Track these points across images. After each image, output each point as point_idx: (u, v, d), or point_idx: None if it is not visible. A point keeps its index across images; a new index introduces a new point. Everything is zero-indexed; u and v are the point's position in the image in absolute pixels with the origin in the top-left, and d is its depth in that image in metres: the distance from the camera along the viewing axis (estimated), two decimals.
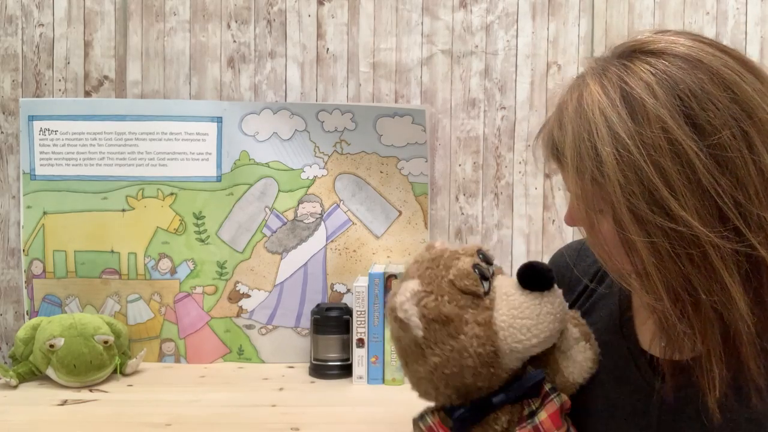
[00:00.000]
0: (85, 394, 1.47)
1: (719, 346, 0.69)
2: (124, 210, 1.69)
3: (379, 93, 1.74)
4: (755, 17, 1.69)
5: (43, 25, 1.74)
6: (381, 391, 1.53)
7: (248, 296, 1.70)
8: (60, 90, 1.74)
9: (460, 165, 1.74)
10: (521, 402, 0.80)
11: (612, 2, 1.71)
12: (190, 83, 1.75)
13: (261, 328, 1.71)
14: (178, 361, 1.70)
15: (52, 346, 1.50)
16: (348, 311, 1.61)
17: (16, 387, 1.51)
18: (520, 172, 1.74)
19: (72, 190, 1.69)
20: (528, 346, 0.77)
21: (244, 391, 1.51)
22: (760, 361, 0.70)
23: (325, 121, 1.70)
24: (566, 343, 0.83)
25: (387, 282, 1.55)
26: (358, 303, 1.56)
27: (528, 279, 0.78)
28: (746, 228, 0.65)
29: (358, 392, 1.52)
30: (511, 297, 0.78)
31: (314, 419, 1.34)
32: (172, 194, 1.69)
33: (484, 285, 0.78)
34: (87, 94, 1.74)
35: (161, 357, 1.70)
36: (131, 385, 1.53)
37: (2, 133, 1.75)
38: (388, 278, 1.55)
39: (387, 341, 1.55)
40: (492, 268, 0.81)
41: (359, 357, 1.56)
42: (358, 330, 1.56)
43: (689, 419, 0.76)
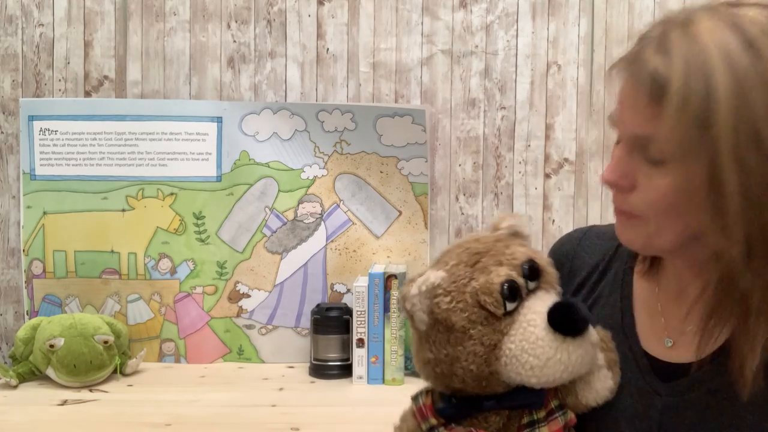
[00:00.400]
0: (85, 394, 1.47)
1: None
2: (124, 210, 1.69)
3: (379, 93, 1.74)
4: None
5: (43, 25, 1.74)
6: (381, 391, 1.53)
7: (248, 296, 1.70)
8: (60, 90, 1.74)
9: (460, 165, 1.74)
10: (528, 410, 0.77)
11: (612, 2, 1.71)
12: (190, 83, 1.75)
13: (261, 328, 1.71)
14: (178, 361, 1.70)
15: (52, 346, 1.50)
16: (348, 311, 1.61)
17: (16, 387, 1.51)
18: (520, 172, 1.74)
19: (72, 190, 1.69)
20: (526, 380, 0.73)
21: (244, 391, 1.51)
22: None
23: (325, 121, 1.70)
24: None
25: (387, 282, 1.55)
26: (358, 303, 1.56)
27: (557, 319, 0.72)
28: None
29: (358, 392, 1.52)
30: (531, 328, 0.72)
31: (314, 419, 1.34)
32: (172, 194, 1.69)
33: (508, 306, 0.73)
34: (87, 94, 1.74)
35: (161, 357, 1.70)
36: (131, 385, 1.53)
37: (2, 133, 1.75)
38: (388, 278, 1.55)
39: (387, 341, 1.55)
40: (534, 284, 0.76)
41: (359, 357, 1.56)
42: (358, 330, 1.56)
43: (692, 424, 0.75)
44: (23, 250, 1.69)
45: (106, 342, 1.53)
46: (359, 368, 1.56)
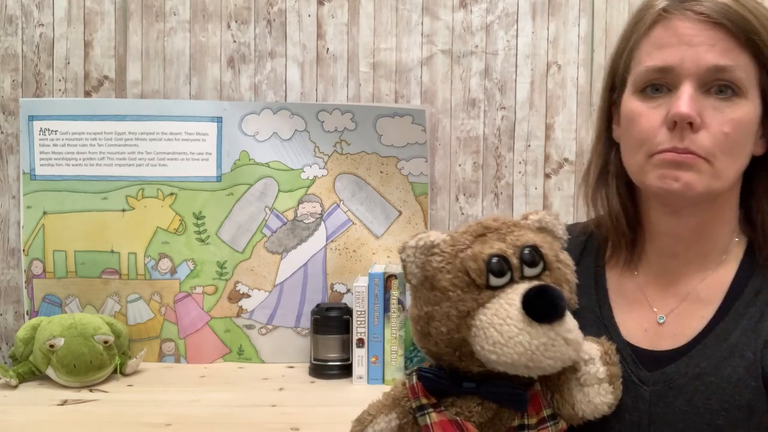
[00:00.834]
0: (85, 394, 1.47)
1: None
2: (124, 210, 1.69)
3: (379, 93, 1.74)
4: None
5: (43, 25, 1.74)
6: (381, 391, 1.51)
7: (248, 296, 1.70)
8: (60, 90, 1.74)
9: (460, 165, 1.74)
10: (511, 409, 0.76)
11: (612, 2, 1.71)
12: (190, 83, 1.75)
13: (261, 328, 1.71)
14: (178, 361, 1.70)
15: (52, 346, 1.50)
16: (348, 311, 1.61)
17: (16, 387, 1.51)
18: (520, 172, 1.74)
19: (72, 190, 1.69)
20: (487, 357, 0.72)
21: (244, 391, 1.51)
22: None
23: (325, 121, 1.70)
24: (587, 379, 0.76)
25: (387, 282, 1.55)
26: (358, 303, 1.56)
27: (527, 301, 0.71)
28: None
29: (358, 392, 1.52)
30: (506, 306, 0.72)
31: (314, 419, 1.34)
32: (172, 194, 1.69)
33: (492, 280, 0.73)
34: (87, 94, 1.74)
35: (161, 357, 1.70)
36: (131, 385, 1.53)
37: (2, 133, 1.75)
38: (388, 278, 1.55)
39: (387, 341, 1.55)
40: (534, 272, 0.75)
41: (359, 357, 1.56)
42: (358, 330, 1.56)
43: (681, 411, 0.75)
44: (23, 250, 1.69)
45: (106, 342, 1.53)
46: (359, 368, 1.56)
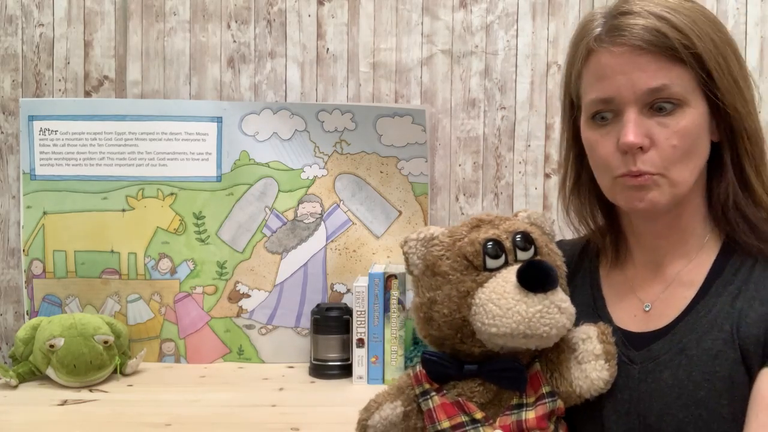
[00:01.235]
0: (85, 394, 1.47)
1: None
2: (124, 210, 1.69)
3: (379, 93, 1.74)
4: (755, 17, 1.69)
5: (43, 25, 1.74)
6: (381, 390, 1.53)
7: (248, 296, 1.70)
8: (60, 90, 1.74)
9: (460, 165, 1.74)
10: (510, 389, 0.80)
11: (612, 2, 1.71)
12: (190, 83, 1.75)
13: (261, 328, 1.71)
14: (178, 361, 1.70)
15: (52, 346, 1.50)
16: (348, 311, 1.61)
17: (16, 387, 1.51)
18: (520, 172, 1.74)
19: (72, 190, 1.69)
20: (488, 332, 0.77)
21: (244, 391, 1.51)
22: None
23: (325, 121, 1.70)
24: (584, 356, 0.82)
25: (387, 282, 1.55)
26: (358, 303, 1.56)
27: (522, 274, 0.77)
28: None
29: (358, 392, 1.52)
30: (503, 283, 0.78)
31: (314, 419, 1.34)
32: (172, 194, 1.69)
33: (489, 262, 0.79)
34: (87, 94, 1.74)
35: (161, 357, 1.70)
36: (131, 385, 1.53)
37: (2, 133, 1.75)
38: (388, 278, 1.55)
39: (387, 341, 1.55)
40: (526, 255, 0.81)
41: (359, 357, 1.56)
42: (358, 330, 1.56)
43: (667, 386, 0.79)
44: (23, 250, 1.69)
45: (106, 342, 1.53)
46: (359, 368, 1.56)
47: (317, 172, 1.71)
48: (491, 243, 0.80)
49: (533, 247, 0.81)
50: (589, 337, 0.82)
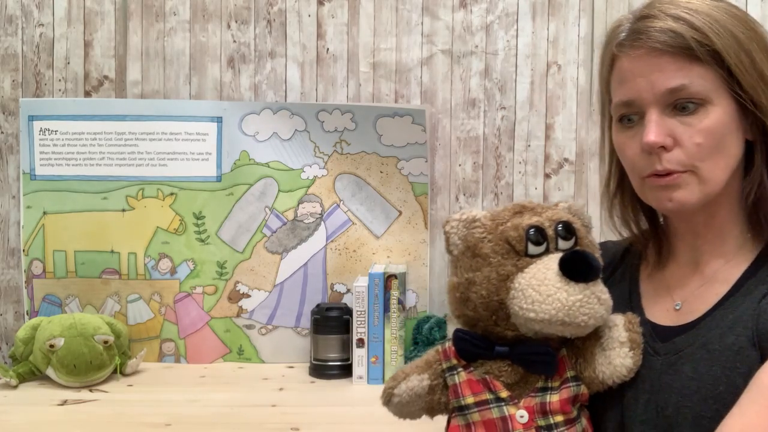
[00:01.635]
0: (85, 394, 1.47)
1: None
2: (124, 210, 1.69)
3: (379, 93, 1.74)
4: (755, 17, 1.69)
5: (43, 25, 1.74)
6: (381, 391, 1.53)
7: (248, 296, 1.70)
8: (60, 90, 1.74)
9: (460, 165, 1.74)
10: (539, 374, 0.81)
11: (612, 2, 1.71)
12: (190, 83, 1.75)
13: (261, 328, 1.71)
14: (178, 361, 1.70)
15: (52, 346, 1.50)
16: (348, 311, 1.61)
17: (16, 387, 1.51)
18: (520, 172, 1.74)
19: (72, 190, 1.69)
20: (525, 316, 0.78)
21: (244, 391, 1.51)
22: None
23: (325, 121, 1.70)
24: (609, 343, 0.83)
25: (387, 282, 1.55)
26: (358, 303, 1.56)
27: (565, 262, 0.78)
28: None
29: (358, 392, 1.52)
30: (544, 270, 0.78)
31: (314, 419, 1.34)
32: (172, 194, 1.69)
33: (531, 248, 0.80)
34: (87, 94, 1.74)
35: (161, 357, 1.70)
36: (131, 385, 1.53)
37: (2, 133, 1.75)
38: (388, 278, 1.55)
39: (387, 341, 1.55)
40: (567, 245, 0.82)
41: (359, 357, 1.56)
42: (358, 330, 1.56)
43: (687, 378, 0.80)
44: (23, 250, 1.69)
45: (106, 342, 1.53)
46: (359, 368, 1.56)
47: (317, 172, 1.71)
48: (534, 230, 0.81)
49: (574, 237, 0.82)
50: (616, 325, 0.83)
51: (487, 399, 0.81)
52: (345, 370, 1.59)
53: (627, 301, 0.91)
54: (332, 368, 1.59)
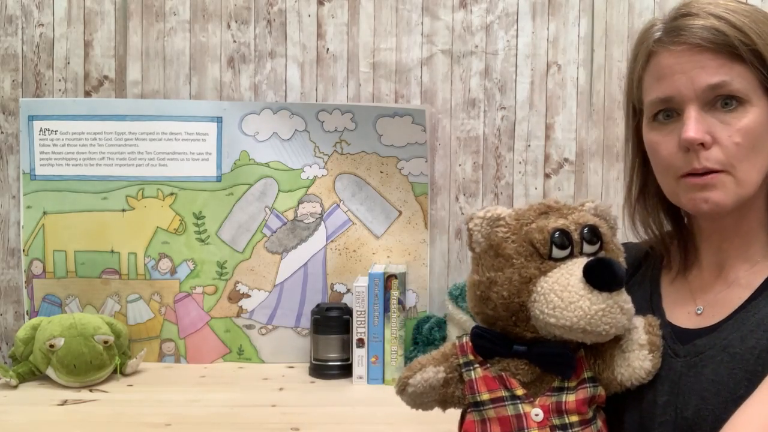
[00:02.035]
0: (85, 394, 1.47)
1: None
2: (124, 210, 1.69)
3: (379, 93, 1.74)
4: None
5: (43, 25, 1.74)
6: (381, 391, 1.53)
7: (248, 296, 1.70)
8: (60, 90, 1.74)
9: (460, 165, 1.74)
10: (556, 375, 0.81)
11: (612, 2, 1.71)
12: (190, 83, 1.75)
13: (261, 328, 1.71)
14: (178, 361, 1.70)
15: (52, 346, 1.50)
16: (348, 311, 1.61)
17: (16, 387, 1.51)
18: (520, 172, 1.74)
19: (72, 190, 1.69)
20: (546, 321, 0.77)
21: (244, 391, 1.51)
22: None
23: (325, 121, 1.70)
24: (629, 345, 0.82)
25: (387, 282, 1.55)
26: (358, 303, 1.56)
27: (589, 270, 0.77)
28: None
29: (358, 392, 1.52)
30: (567, 275, 0.77)
31: (314, 419, 1.34)
32: (172, 194, 1.69)
33: (555, 251, 0.79)
34: (87, 94, 1.74)
35: (161, 357, 1.70)
36: (131, 385, 1.53)
37: (2, 133, 1.75)
38: (388, 278, 1.55)
39: (387, 341, 1.56)
40: (592, 249, 0.81)
41: (359, 357, 1.56)
42: (358, 330, 1.56)
43: (708, 381, 0.79)
44: (23, 250, 1.69)
45: (106, 342, 1.53)
46: (359, 368, 1.56)
47: (317, 172, 1.71)
48: (559, 233, 0.80)
49: (600, 242, 0.81)
50: (636, 327, 0.83)
51: (502, 396, 0.81)
52: (345, 370, 1.59)
53: (648, 303, 0.90)
54: (332, 368, 1.59)
